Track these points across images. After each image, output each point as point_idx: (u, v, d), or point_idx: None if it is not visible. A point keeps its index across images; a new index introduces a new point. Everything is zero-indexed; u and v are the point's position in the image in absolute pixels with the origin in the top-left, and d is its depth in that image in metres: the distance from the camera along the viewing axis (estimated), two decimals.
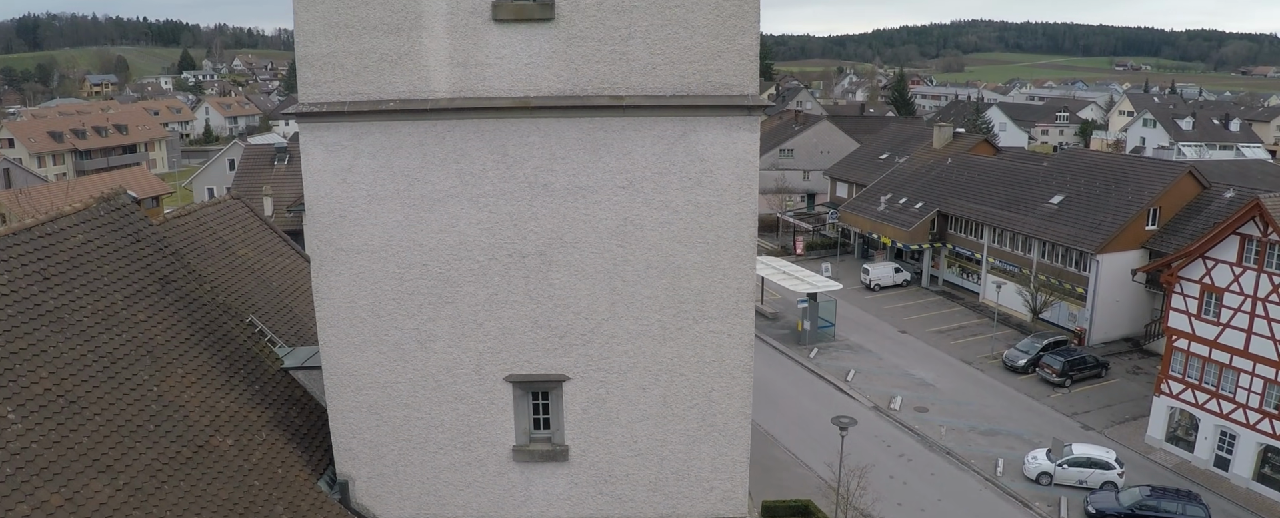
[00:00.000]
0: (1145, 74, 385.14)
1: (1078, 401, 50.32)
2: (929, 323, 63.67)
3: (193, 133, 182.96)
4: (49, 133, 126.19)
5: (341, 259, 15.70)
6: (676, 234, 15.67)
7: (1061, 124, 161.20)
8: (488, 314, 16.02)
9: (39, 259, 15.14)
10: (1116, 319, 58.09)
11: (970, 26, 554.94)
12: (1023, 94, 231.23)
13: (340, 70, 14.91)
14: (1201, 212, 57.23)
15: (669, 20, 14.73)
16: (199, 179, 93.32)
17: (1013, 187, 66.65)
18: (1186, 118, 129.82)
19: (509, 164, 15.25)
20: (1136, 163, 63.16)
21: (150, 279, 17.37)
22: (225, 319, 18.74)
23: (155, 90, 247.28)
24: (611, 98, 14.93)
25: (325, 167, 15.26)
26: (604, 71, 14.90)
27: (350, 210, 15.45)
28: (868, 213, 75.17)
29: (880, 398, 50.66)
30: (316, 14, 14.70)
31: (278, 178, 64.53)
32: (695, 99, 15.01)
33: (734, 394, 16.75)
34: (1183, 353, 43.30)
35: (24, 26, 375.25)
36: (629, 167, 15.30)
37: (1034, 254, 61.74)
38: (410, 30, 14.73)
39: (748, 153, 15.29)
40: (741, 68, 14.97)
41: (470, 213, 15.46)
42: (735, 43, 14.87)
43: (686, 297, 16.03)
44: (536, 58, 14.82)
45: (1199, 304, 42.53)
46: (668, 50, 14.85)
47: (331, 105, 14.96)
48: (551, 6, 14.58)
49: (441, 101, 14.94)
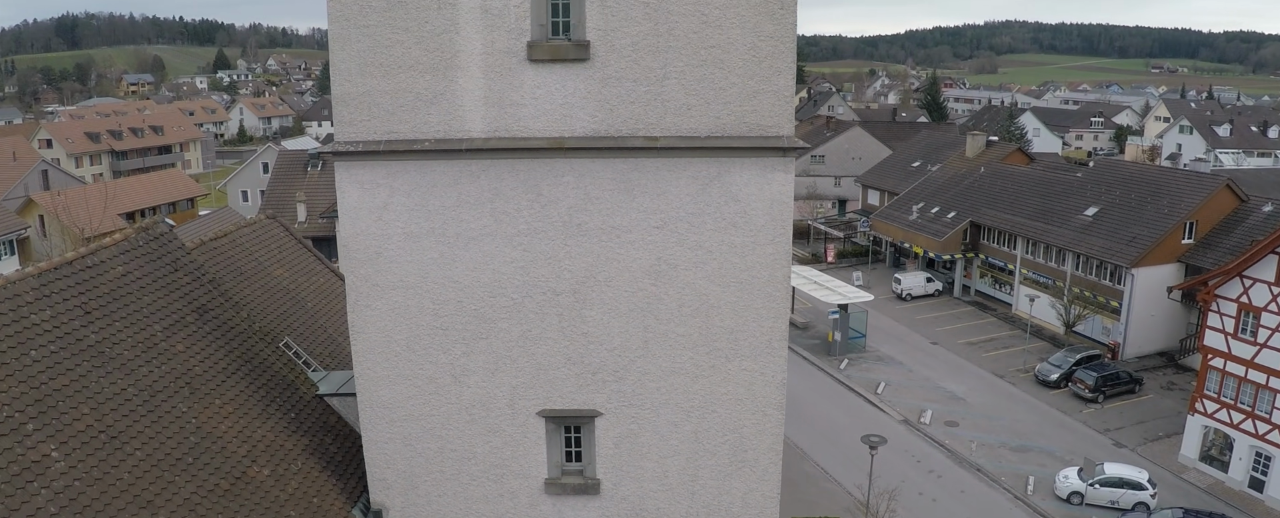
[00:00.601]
0: (1181, 76, 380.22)
1: (1110, 417, 49.81)
2: (960, 334, 63.24)
3: (227, 133, 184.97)
4: (86, 134, 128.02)
5: (377, 295, 15.84)
6: (710, 274, 15.69)
7: (1096, 129, 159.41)
8: (521, 350, 16.11)
9: (80, 293, 15.38)
10: (1151, 333, 57.43)
11: (1004, 27, 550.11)
12: (1057, 97, 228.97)
13: (376, 109, 15.04)
14: (1239, 225, 56.48)
15: (704, 61, 14.74)
16: (233, 182, 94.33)
17: (1046, 197, 66.05)
18: (1223, 124, 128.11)
19: (543, 204, 15.33)
20: (1173, 175, 62.41)
21: (188, 308, 17.60)
22: (261, 346, 18.96)
23: (191, 90, 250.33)
24: (646, 139, 14.96)
25: (361, 204, 15.41)
26: (639, 112, 14.94)
27: (386, 247, 15.59)
28: (899, 222, 74.77)
29: (910, 412, 50.39)
30: (352, 53, 14.84)
31: (311, 184, 65.09)
32: (730, 140, 15.02)
33: (765, 430, 16.75)
34: (1218, 372, 42.75)
35: (62, 26, 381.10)
36: (663, 207, 15.34)
37: (1068, 266, 61.15)
38: (446, 70, 14.83)
39: (782, 194, 15.29)
40: (777, 109, 14.96)
41: (505, 251, 15.56)
42: (771, 84, 14.86)
43: (719, 335, 16.05)
44: (571, 98, 14.88)
45: (1236, 323, 41.96)
46: (703, 91, 14.87)
47: (367, 144, 15.10)
48: (587, 47, 14.64)
49: (476, 141, 15.04)
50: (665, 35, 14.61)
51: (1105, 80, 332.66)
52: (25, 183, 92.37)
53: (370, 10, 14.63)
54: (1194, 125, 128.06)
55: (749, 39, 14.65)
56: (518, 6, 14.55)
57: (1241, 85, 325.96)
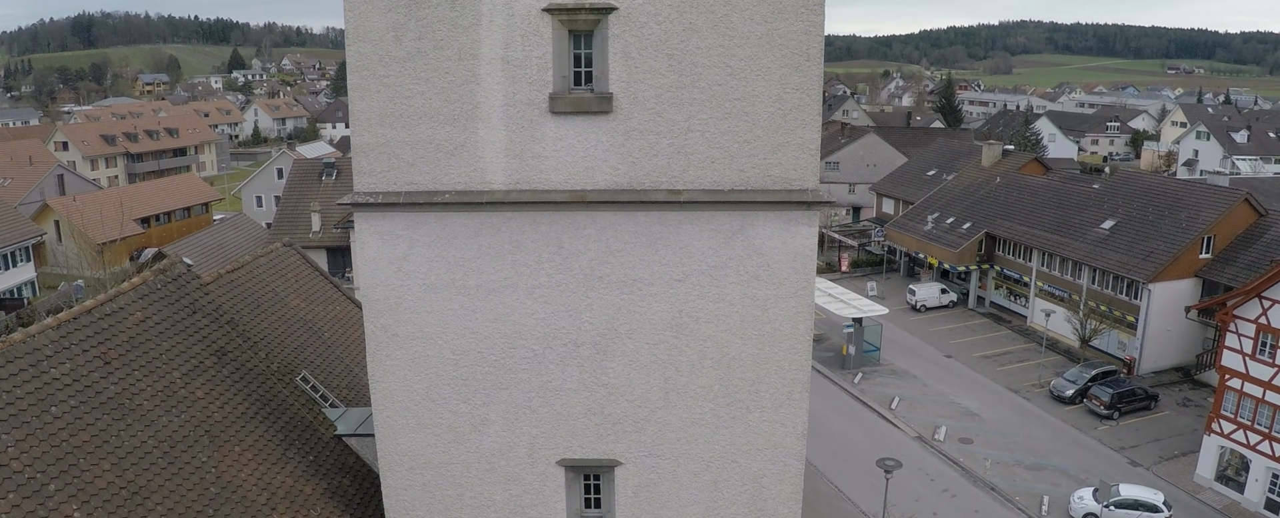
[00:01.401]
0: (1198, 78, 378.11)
1: (1126, 434, 49.48)
2: (975, 347, 62.93)
3: (242, 134, 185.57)
4: (102, 136, 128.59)
5: (397, 345, 15.77)
6: (732, 327, 15.57)
7: (1112, 134, 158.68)
8: (541, 401, 16.02)
9: (100, 343, 15.36)
10: (1167, 349, 57.04)
11: (1019, 28, 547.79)
12: (1072, 100, 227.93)
13: (396, 160, 14.96)
14: (1257, 240, 56.02)
15: (729, 114, 14.61)
16: (248, 187, 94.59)
17: (1063, 209, 65.66)
18: (1241, 130, 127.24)
19: (564, 257, 15.23)
20: (1191, 188, 61.95)
21: (207, 352, 17.56)
22: (279, 387, 18.92)
23: (206, 90, 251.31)
24: (669, 192, 14.84)
25: (381, 254, 15.33)
26: (662, 165, 14.82)
27: (405, 298, 15.51)
28: (914, 232, 74.46)
29: (924, 428, 50.15)
30: (372, 104, 14.76)
31: (326, 194, 65.20)
32: (754, 194, 14.88)
33: (785, 480, 16.61)
34: (1235, 393, 42.41)
35: (78, 24, 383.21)
36: (685, 260, 15.22)
37: (1084, 280, 60.75)
38: (467, 121, 14.74)
39: (806, 247, 15.15)
40: (801, 161, 14.82)
41: (525, 303, 15.46)
42: (796, 136, 14.72)
43: (740, 387, 15.92)
44: (594, 150, 14.77)
45: (1254, 344, 41.62)
46: (727, 144, 14.74)
47: (387, 195, 15.02)
48: (610, 100, 14.52)
49: (497, 194, 14.94)
50: (689, 87, 14.49)
51: (1121, 82, 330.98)
52: (41, 187, 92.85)
53: (390, 61, 14.55)
54: (1211, 131, 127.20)
55: (774, 91, 14.52)
56: (540, 58, 14.45)
57: (1258, 87, 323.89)
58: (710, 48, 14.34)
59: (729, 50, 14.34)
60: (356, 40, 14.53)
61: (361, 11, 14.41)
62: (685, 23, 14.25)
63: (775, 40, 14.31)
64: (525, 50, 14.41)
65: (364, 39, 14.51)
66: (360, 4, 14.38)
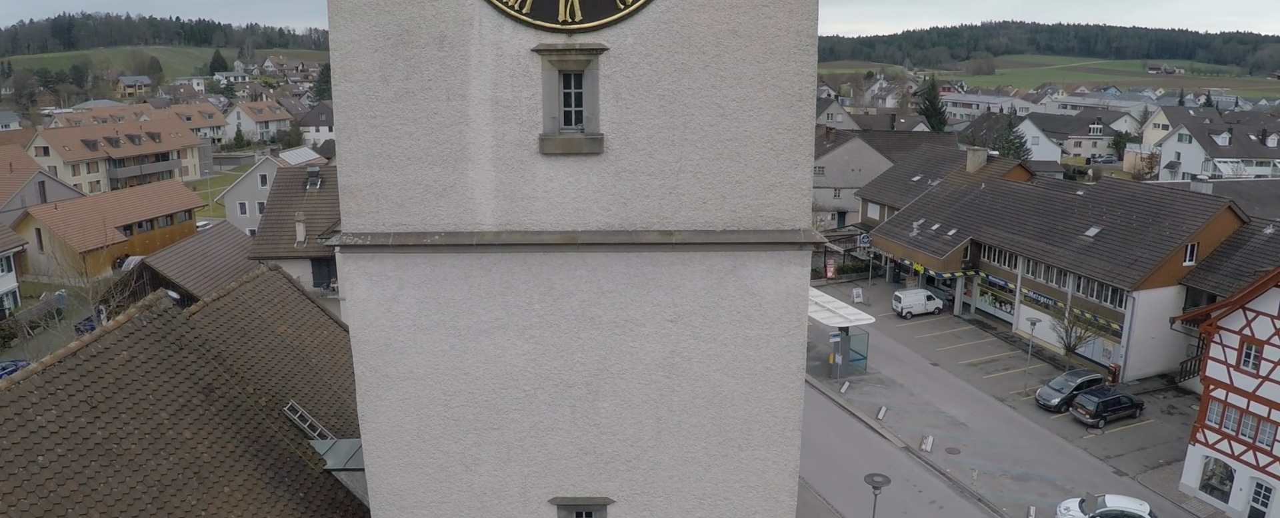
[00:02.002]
0: (1179, 78, 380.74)
1: (1111, 443, 49.72)
2: (961, 354, 63.13)
3: (224, 138, 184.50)
4: (83, 141, 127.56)
5: (387, 385, 15.64)
6: (724, 366, 15.51)
7: (1095, 136, 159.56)
8: (533, 440, 15.93)
9: (86, 386, 15.18)
10: (1151, 356, 57.37)
11: (1001, 28, 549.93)
12: (1055, 101, 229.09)
13: (384, 201, 14.84)
14: (1241, 248, 56.39)
15: (721, 154, 14.56)
16: (231, 194, 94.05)
17: (1047, 216, 65.95)
18: (1223, 133, 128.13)
19: (556, 297, 15.14)
20: (1174, 196, 62.30)
21: (194, 390, 17.39)
22: (268, 422, 18.75)
23: (188, 93, 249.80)
24: (661, 233, 14.77)
25: (370, 296, 15.20)
26: (653, 206, 14.75)
27: (395, 339, 15.39)
28: (900, 238, 74.65)
29: (912, 438, 50.25)
30: (360, 144, 14.63)
31: (310, 202, 64.73)
32: (746, 234, 14.83)
33: (777, 516, 16.57)
34: (1220, 403, 42.68)
35: (59, 26, 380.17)
36: (677, 301, 15.16)
37: (1069, 288, 61.02)
38: (455, 162, 14.63)
39: (798, 287, 15.11)
40: (794, 202, 14.79)
41: (516, 344, 15.37)
42: (788, 176, 14.69)
43: (732, 426, 15.87)
44: (584, 191, 14.69)
45: (1238, 355, 41.87)
46: (719, 184, 14.69)
47: (376, 237, 14.89)
48: (600, 141, 14.44)
49: (487, 235, 14.84)
50: (681, 128, 14.43)
51: (1103, 83, 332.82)
52: (22, 195, 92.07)
53: (378, 101, 14.43)
54: (1193, 134, 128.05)
55: (767, 132, 14.47)
56: (529, 99, 14.36)
57: (1238, 87, 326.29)
58: (702, 89, 14.28)
59: (721, 91, 14.29)
60: (343, 80, 14.40)
61: (348, 51, 14.28)
62: (676, 64, 14.19)
63: (767, 81, 14.27)
64: (515, 91, 14.32)
65: (351, 79, 14.39)
66: (347, 43, 14.25)
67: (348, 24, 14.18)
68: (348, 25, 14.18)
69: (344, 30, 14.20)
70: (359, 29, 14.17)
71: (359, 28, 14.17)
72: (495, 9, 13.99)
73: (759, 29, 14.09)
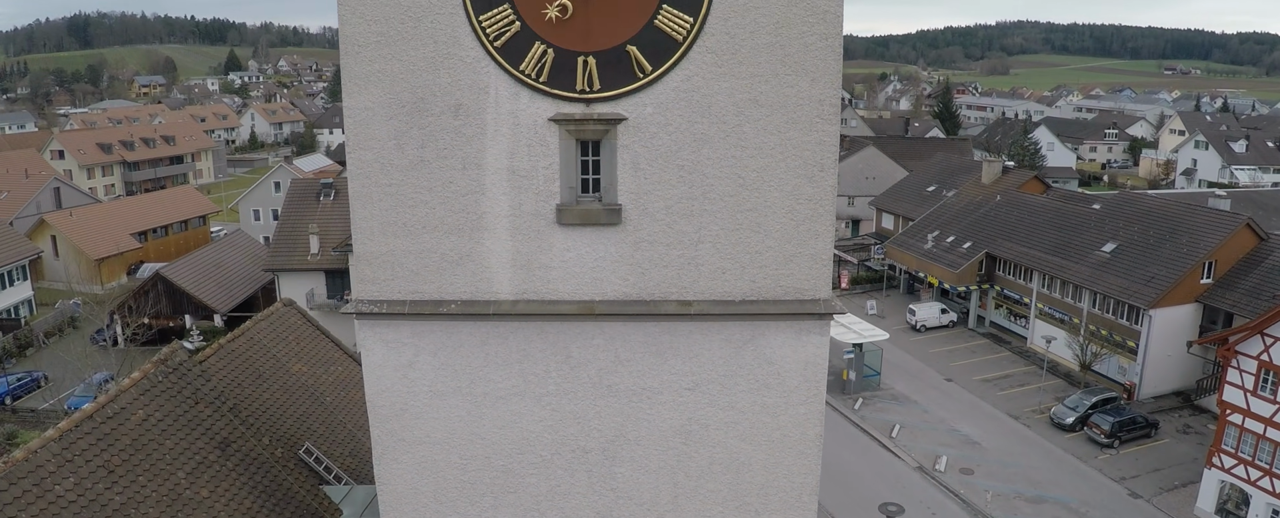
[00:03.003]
0: (1195, 79, 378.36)
1: (1126, 463, 49.38)
2: (975, 370, 62.81)
3: (238, 140, 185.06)
4: (98, 144, 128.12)
5: (403, 449, 15.58)
6: (741, 433, 15.40)
7: (1110, 141, 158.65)
8: (550, 504, 15.84)
9: (102, 450, 15.15)
10: (1167, 374, 56.97)
11: (1016, 28, 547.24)
12: (1070, 104, 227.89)
13: (399, 269, 14.76)
14: (1258, 265, 55.93)
15: (741, 225, 14.42)
16: (245, 201, 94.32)
17: (1063, 230, 65.55)
18: (1239, 140, 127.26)
19: (573, 365, 15.04)
20: (1192, 211, 61.81)
21: (210, 446, 17.37)
22: (284, 474, 18.72)
23: (202, 93, 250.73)
24: (679, 303, 14.66)
25: (385, 362, 15.13)
26: (672, 275, 14.63)
27: (411, 404, 15.31)
28: (915, 250, 74.35)
29: (925, 457, 50.01)
30: (374, 212, 14.55)
31: (324, 214, 64.88)
32: (765, 304, 14.70)
33: None
34: (1237, 428, 42.35)
35: (75, 25, 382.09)
36: (695, 369, 15.04)
37: (1084, 304, 60.64)
38: (472, 231, 14.54)
39: (817, 356, 14.98)
40: (814, 272, 14.64)
41: (533, 410, 15.28)
42: (808, 247, 14.54)
43: (749, 491, 15.75)
44: (602, 261, 14.58)
45: (1256, 380, 41.54)
46: (738, 255, 14.56)
47: (391, 305, 14.81)
48: (619, 212, 14.33)
49: (504, 305, 14.74)
50: (700, 199, 14.30)
51: (1118, 84, 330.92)
52: (37, 201, 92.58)
53: (392, 169, 14.34)
54: (1209, 140, 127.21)
55: (787, 202, 14.33)
56: (546, 169, 14.25)
57: (1255, 88, 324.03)
58: (722, 159, 14.15)
59: (741, 161, 14.16)
60: (357, 147, 14.32)
61: (362, 118, 14.20)
62: (696, 133, 14.06)
63: (789, 151, 14.13)
64: (531, 161, 14.21)
65: (366, 146, 14.30)
66: (361, 110, 14.17)
67: (362, 91, 14.10)
68: (362, 92, 14.10)
69: (358, 97, 14.12)
70: (373, 96, 14.09)
71: (374, 95, 14.09)
72: (512, 78, 13.89)
73: (781, 98, 13.95)
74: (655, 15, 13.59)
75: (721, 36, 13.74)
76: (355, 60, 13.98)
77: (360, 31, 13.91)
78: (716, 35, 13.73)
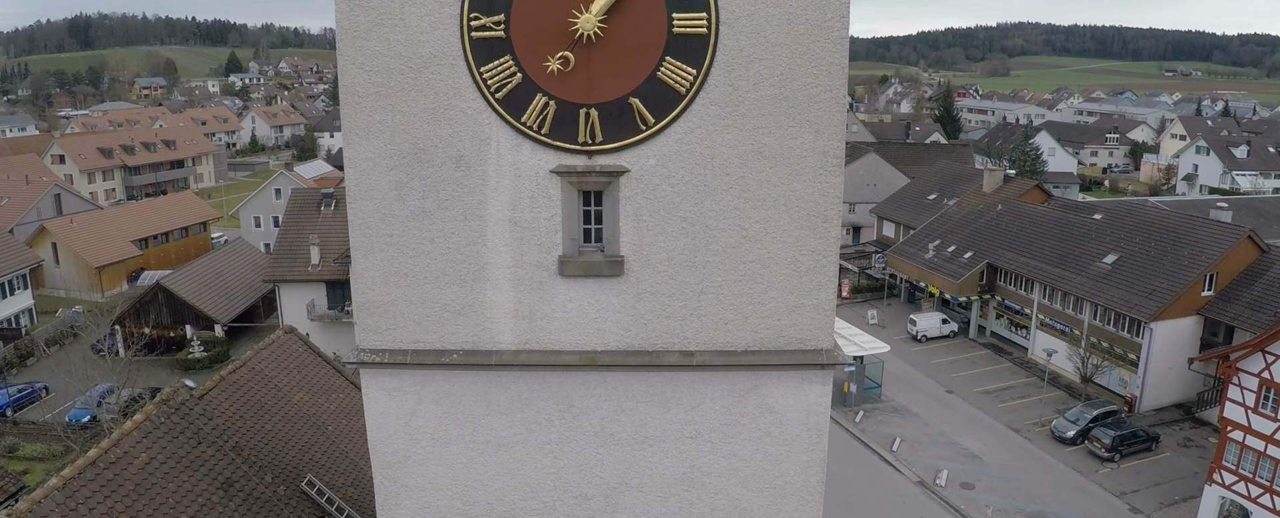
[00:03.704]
0: (1195, 80, 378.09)
1: (1127, 478, 49.34)
2: (976, 381, 62.79)
3: (239, 143, 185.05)
4: (98, 149, 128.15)
5: (406, 495, 15.56)
6: (743, 480, 15.39)
7: (1111, 145, 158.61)
8: None
9: (106, 497, 15.15)
10: (1169, 386, 56.96)
11: (1016, 29, 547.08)
12: (1071, 107, 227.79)
13: (401, 318, 14.74)
14: (1260, 278, 55.90)
15: (743, 276, 14.41)
16: (246, 208, 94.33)
17: (1064, 241, 65.51)
18: (1241, 145, 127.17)
19: (574, 414, 15.03)
20: (1193, 223, 61.78)
21: (213, 486, 17.36)
22: (287, 513, 18.70)
23: (203, 94, 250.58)
24: (682, 353, 14.65)
25: (388, 410, 15.12)
26: (674, 326, 14.62)
27: (413, 451, 15.31)
28: (916, 259, 74.31)
29: (926, 472, 49.99)
30: (376, 262, 14.54)
31: (325, 224, 64.86)
32: (768, 355, 14.68)
33: None
34: (1237, 445, 42.34)
35: (76, 26, 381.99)
36: (697, 418, 15.03)
37: (1085, 315, 60.60)
38: (474, 282, 14.52)
39: (819, 404, 14.97)
40: (817, 322, 14.63)
41: (535, 458, 15.27)
42: (812, 298, 14.53)
43: None
44: (604, 312, 14.56)
45: (1257, 398, 41.52)
46: (741, 306, 14.54)
47: (393, 354, 14.80)
48: (621, 263, 14.31)
49: (506, 355, 14.73)
50: (703, 250, 14.28)
51: (1119, 85, 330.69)
52: (38, 207, 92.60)
53: (393, 220, 14.32)
54: (1211, 146, 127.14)
55: (790, 254, 14.32)
56: (548, 220, 14.23)
57: (1255, 90, 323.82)
58: (725, 210, 14.13)
59: (745, 213, 14.14)
60: (358, 198, 14.30)
61: (363, 168, 14.18)
62: (699, 185, 14.04)
63: (793, 202, 14.11)
64: (533, 212, 14.20)
65: (366, 197, 14.29)
66: (362, 160, 14.15)
67: (363, 141, 14.08)
68: (363, 143, 14.08)
69: (359, 147, 14.10)
70: (374, 147, 14.07)
71: (374, 146, 14.07)
72: (514, 129, 13.88)
73: (785, 150, 13.93)
74: (658, 68, 13.57)
75: (725, 89, 13.72)
76: (356, 111, 13.96)
77: (360, 82, 13.88)
78: (720, 87, 13.71)
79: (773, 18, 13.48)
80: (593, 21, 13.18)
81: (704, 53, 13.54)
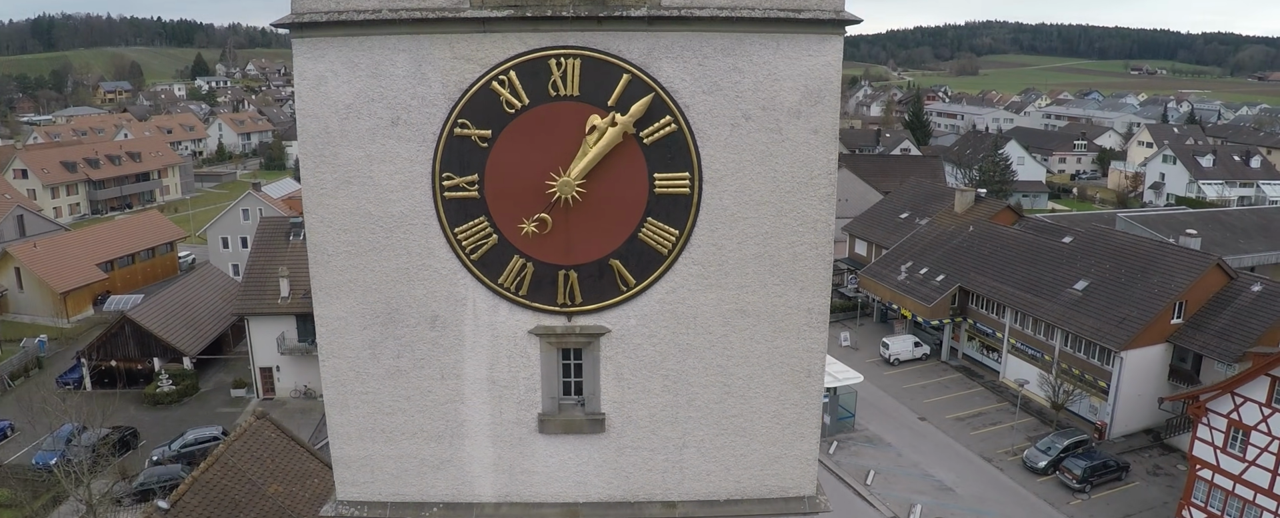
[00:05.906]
0: (1161, 79, 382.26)
1: (1098, 509, 49.65)
2: (948, 407, 62.97)
3: (206, 151, 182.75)
4: (62, 163, 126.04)
5: None
6: None
7: (1079, 152, 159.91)
8: None
9: None
10: (1138, 413, 57.42)
11: (985, 28, 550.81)
12: (1039, 111, 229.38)
13: (379, 472, 14.48)
14: (1228, 305, 56.42)
15: (725, 429, 14.26)
16: (213, 228, 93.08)
17: (1035, 265, 65.83)
18: (1207, 155, 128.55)
19: None
20: (1163, 250, 62.28)
21: None
22: None
23: (169, 99, 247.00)
24: (664, 505, 14.49)
25: None
26: (656, 478, 14.45)
27: None
28: (888, 281, 74.47)
29: (899, 507, 50.06)
30: (351, 418, 14.27)
31: (294, 255, 63.89)
32: (750, 505, 14.55)
33: None
34: (1206, 483, 42.78)
35: (38, 27, 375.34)
36: None
37: (1057, 342, 60.97)
38: (452, 438, 14.29)
39: None
40: (799, 471, 14.52)
41: None
42: (794, 448, 14.41)
43: None
44: (586, 466, 14.37)
45: (1225, 438, 42.00)
46: (723, 458, 14.40)
47: (372, 507, 14.56)
48: (602, 421, 14.12)
49: (486, 508, 14.52)
50: (685, 406, 14.12)
51: (1085, 85, 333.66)
52: (0, 230, 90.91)
53: (368, 378, 14.04)
54: (1177, 155, 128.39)
55: (773, 408, 14.18)
56: (527, 379, 14.01)
57: (1219, 89, 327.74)
58: (707, 368, 13.96)
59: (727, 370, 13.98)
60: (331, 356, 14.01)
61: (335, 328, 13.89)
62: (681, 344, 13.86)
63: (775, 359, 13.96)
64: (512, 372, 13.97)
65: (339, 354, 14.00)
66: (333, 319, 13.86)
67: (334, 300, 13.78)
68: (334, 302, 13.79)
69: (330, 306, 13.80)
70: (346, 306, 13.78)
71: (345, 304, 13.78)
72: (490, 290, 13.62)
73: (768, 308, 13.77)
74: (639, 228, 13.35)
75: (708, 248, 13.53)
76: (325, 270, 13.65)
77: (329, 241, 13.58)
78: (702, 247, 13.52)
79: (758, 176, 13.29)
80: (572, 187, 12.93)
81: (687, 213, 13.34)
